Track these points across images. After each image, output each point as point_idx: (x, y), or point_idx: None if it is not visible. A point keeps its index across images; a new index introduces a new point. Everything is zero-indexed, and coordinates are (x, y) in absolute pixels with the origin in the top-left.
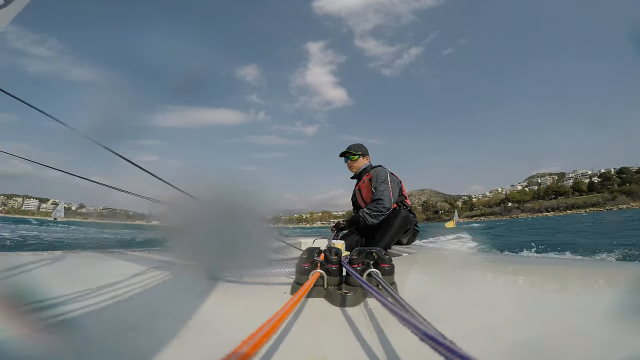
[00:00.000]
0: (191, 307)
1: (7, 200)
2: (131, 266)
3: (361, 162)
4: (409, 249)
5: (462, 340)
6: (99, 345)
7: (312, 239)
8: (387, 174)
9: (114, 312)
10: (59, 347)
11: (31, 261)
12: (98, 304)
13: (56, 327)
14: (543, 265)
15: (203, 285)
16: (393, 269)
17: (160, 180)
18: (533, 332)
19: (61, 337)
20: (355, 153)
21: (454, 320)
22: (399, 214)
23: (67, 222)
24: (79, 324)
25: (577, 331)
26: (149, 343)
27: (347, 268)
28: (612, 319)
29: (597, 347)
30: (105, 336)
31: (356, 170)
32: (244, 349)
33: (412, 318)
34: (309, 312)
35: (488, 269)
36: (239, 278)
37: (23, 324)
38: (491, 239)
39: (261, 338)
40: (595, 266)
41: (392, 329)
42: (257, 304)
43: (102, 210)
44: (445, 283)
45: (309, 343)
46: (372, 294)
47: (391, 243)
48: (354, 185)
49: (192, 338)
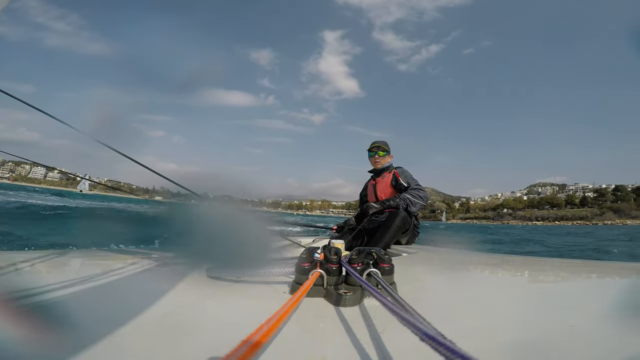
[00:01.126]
0: (190, 306)
1: (16, 167)
2: (130, 265)
3: (386, 159)
4: (408, 249)
5: (462, 340)
6: (99, 345)
7: (312, 238)
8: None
9: (111, 312)
10: (57, 347)
11: (31, 260)
12: (96, 304)
13: (54, 327)
14: (543, 265)
15: (202, 285)
16: (393, 269)
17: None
18: (533, 332)
19: (60, 337)
20: (384, 149)
21: (454, 320)
22: (398, 214)
23: (94, 196)
24: (77, 324)
25: (577, 331)
26: (148, 343)
27: (346, 268)
28: (612, 319)
29: (597, 347)
30: (106, 336)
31: (380, 166)
32: (244, 349)
33: (412, 318)
34: (309, 311)
35: (488, 268)
36: (238, 277)
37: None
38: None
39: (260, 338)
40: (595, 266)
41: (392, 329)
42: (256, 304)
43: (107, 182)
44: (445, 283)
45: (309, 343)
46: (372, 294)
47: (390, 243)
48: (368, 181)
49: (191, 338)
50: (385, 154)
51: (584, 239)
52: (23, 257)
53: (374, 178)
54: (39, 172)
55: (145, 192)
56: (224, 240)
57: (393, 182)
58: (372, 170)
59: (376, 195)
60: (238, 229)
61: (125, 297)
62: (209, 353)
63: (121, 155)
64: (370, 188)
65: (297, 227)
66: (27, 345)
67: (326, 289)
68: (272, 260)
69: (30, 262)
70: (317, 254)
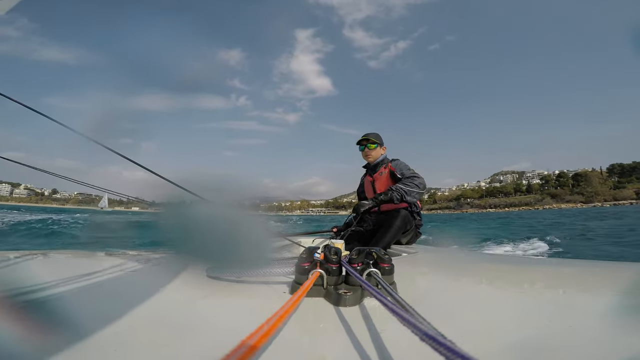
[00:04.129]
0: (190, 306)
1: None
2: (130, 265)
3: (379, 151)
4: (408, 249)
5: (462, 340)
6: (98, 344)
7: (312, 238)
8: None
9: (111, 312)
10: (56, 346)
11: (31, 259)
12: (95, 303)
13: (53, 327)
14: (542, 265)
15: (202, 285)
16: (393, 269)
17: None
18: (533, 332)
19: (59, 337)
20: (374, 141)
21: (454, 320)
22: (399, 214)
23: (113, 211)
24: (76, 323)
25: (576, 331)
26: (147, 342)
27: (346, 268)
28: (612, 319)
29: (597, 347)
30: (105, 335)
31: (373, 160)
32: (243, 349)
33: (412, 318)
34: (309, 311)
35: (488, 268)
36: (238, 277)
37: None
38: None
39: (260, 338)
40: (594, 266)
41: (392, 329)
42: (256, 304)
43: (78, 196)
44: (445, 283)
45: (309, 343)
46: (372, 294)
47: (390, 243)
48: (364, 176)
49: (191, 338)
50: (376, 146)
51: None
52: (23, 256)
53: (371, 174)
54: (4, 189)
55: (119, 203)
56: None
57: (392, 178)
58: (367, 165)
59: (375, 192)
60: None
61: (125, 297)
62: (208, 353)
63: (125, 158)
64: (368, 184)
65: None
66: (26, 344)
67: (326, 289)
68: (272, 260)
69: (31, 261)
70: (317, 253)
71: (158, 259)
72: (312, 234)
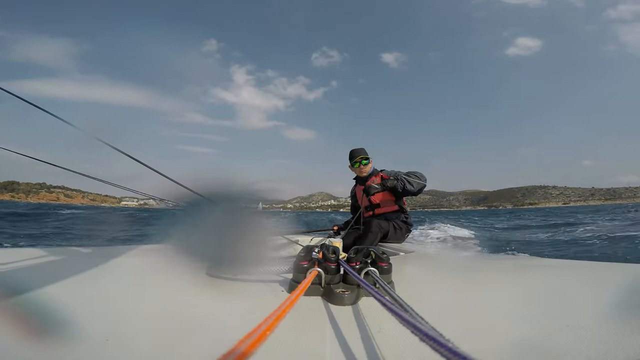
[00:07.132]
0: (188, 305)
1: None
2: (128, 263)
3: (370, 165)
4: (407, 248)
5: (462, 340)
6: (97, 343)
7: (310, 237)
8: None
9: (110, 309)
10: (55, 345)
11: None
12: (95, 301)
13: (52, 327)
14: (542, 264)
15: (201, 283)
16: (391, 268)
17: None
18: (533, 331)
19: (58, 337)
20: (367, 157)
21: (453, 320)
22: (372, 222)
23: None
24: (75, 323)
25: (576, 331)
26: (146, 340)
27: (345, 267)
28: (612, 319)
29: (596, 347)
30: (104, 333)
31: (366, 173)
32: (241, 348)
33: (411, 317)
34: (307, 310)
35: (486, 268)
36: (236, 276)
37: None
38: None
39: (258, 337)
40: (594, 266)
41: (390, 328)
42: (254, 303)
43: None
44: (443, 282)
45: (306, 342)
46: (370, 293)
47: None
48: (354, 186)
49: (189, 336)
50: (368, 162)
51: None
52: (23, 255)
53: (362, 183)
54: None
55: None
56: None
57: (383, 185)
58: (357, 178)
59: (369, 200)
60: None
61: (124, 295)
62: (206, 351)
63: (129, 157)
64: (360, 193)
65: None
66: (26, 344)
67: (324, 288)
68: (270, 258)
69: (30, 260)
70: (315, 252)
71: (156, 257)
72: (312, 232)
